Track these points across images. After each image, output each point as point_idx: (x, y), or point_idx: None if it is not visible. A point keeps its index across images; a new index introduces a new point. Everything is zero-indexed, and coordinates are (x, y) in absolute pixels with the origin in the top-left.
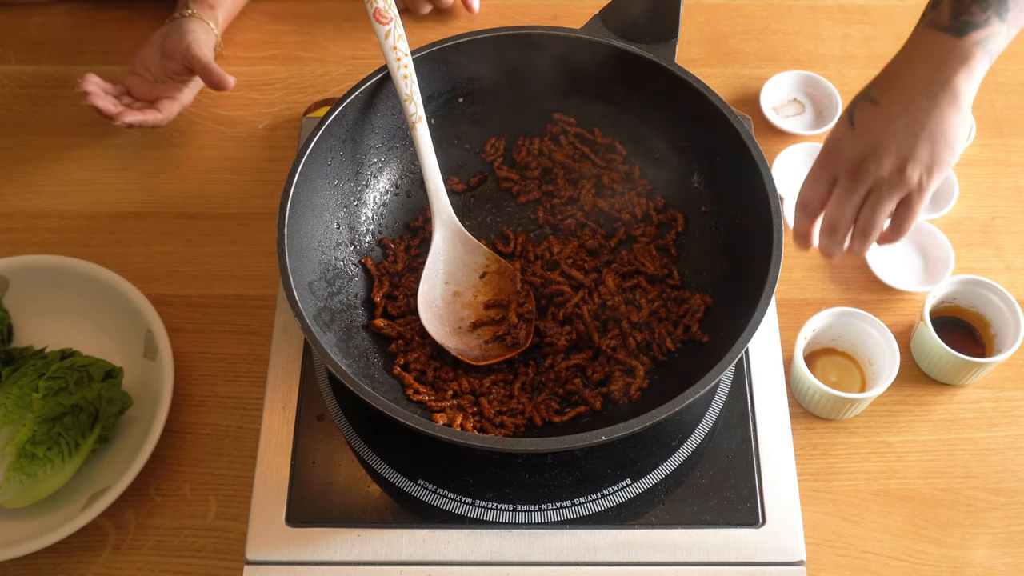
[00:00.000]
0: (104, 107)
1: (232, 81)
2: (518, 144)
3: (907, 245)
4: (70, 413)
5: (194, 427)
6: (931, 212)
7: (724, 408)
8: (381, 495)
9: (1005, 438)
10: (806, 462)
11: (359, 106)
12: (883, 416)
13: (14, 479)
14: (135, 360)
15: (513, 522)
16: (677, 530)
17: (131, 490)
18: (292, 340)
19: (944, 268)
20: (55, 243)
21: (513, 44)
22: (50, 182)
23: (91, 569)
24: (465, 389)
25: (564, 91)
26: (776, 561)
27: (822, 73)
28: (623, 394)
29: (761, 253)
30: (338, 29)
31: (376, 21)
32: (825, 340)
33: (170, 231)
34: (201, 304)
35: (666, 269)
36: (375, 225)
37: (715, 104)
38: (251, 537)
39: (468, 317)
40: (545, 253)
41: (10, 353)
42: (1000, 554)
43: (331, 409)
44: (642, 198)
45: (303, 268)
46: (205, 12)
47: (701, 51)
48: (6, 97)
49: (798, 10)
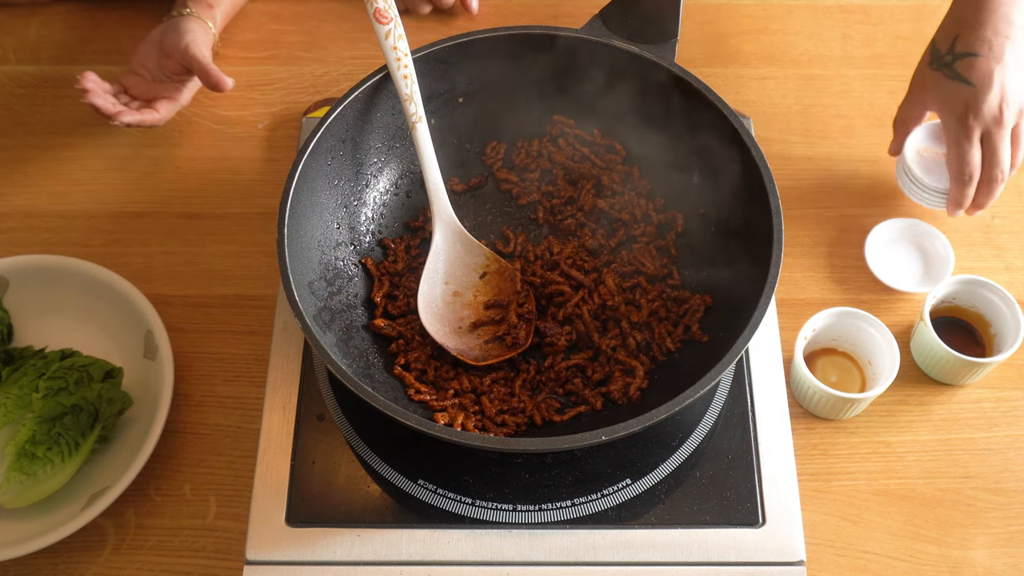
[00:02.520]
0: (102, 106)
1: (230, 83)
2: (517, 146)
3: (907, 245)
4: (70, 413)
5: (194, 427)
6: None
7: (724, 408)
8: (381, 495)
9: (1005, 438)
10: (806, 462)
11: (359, 106)
12: (883, 416)
13: (14, 479)
14: (135, 360)
15: (513, 522)
16: (677, 530)
17: (131, 490)
18: (292, 340)
19: (944, 268)
20: (55, 243)
21: (513, 44)
22: (50, 182)
23: (91, 569)
24: (466, 388)
25: (564, 91)
26: (776, 561)
27: (822, 73)
28: (623, 394)
29: (761, 253)
30: (338, 29)
31: (376, 21)
32: (825, 340)
33: (170, 231)
34: (201, 304)
35: (666, 269)
36: (375, 225)
37: (715, 104)
38: (251, 537)
39: (468, 317)
40: (545, 253)
41: (10, 353)
42: (1000, 554)
43: (331, 409)
44: (642, 198)
45: (303, 268)
46: (203, 11)
47: (701, 51)
48: (6, 97)
49: (798, 10)
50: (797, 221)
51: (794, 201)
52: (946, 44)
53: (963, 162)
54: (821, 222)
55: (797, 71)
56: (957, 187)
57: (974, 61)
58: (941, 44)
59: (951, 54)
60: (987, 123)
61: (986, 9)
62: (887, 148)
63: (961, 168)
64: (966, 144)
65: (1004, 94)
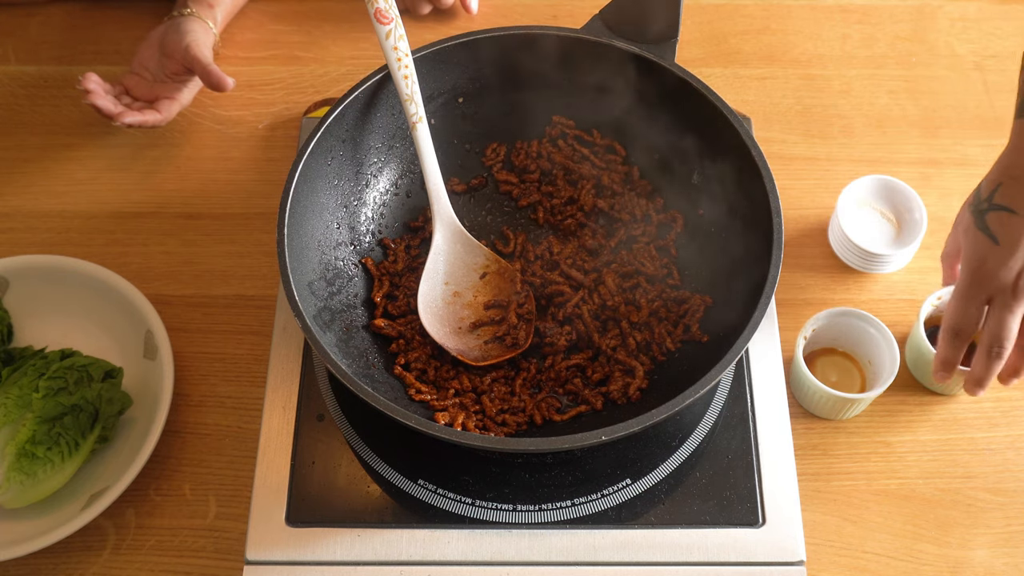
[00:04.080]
0: (104, 106)
1: (231, 83)
2: (516, 147)
3: (881, 205)
4: (70, 413)
5: (194, 427)
6: None
7: (724, 408)
8: (381, 495)
9: (1005, 438)
10: (806, 462)
11: (359, 106)
12: (883, 416)
13: (14, 479)
14: (135, 360)
15: (513, 522)
16: (677, 530)
17: (131, 490)
18: (292, 340)
19: (917, 229)
20: (55, 243)
21: (513, 44)
22: (50, 182)
23: (91, 569)
24: (466, 387)
25: (564, 91)
26: (776, 561)
27: (822, 73)
28: (622, 394)
29: (761, 253)
30: (338, 29)
31: (377, 21)
32: (825, 340)
33: (170, 231)
34: (201, 304)
35: (666, 269)
36: (375, 225)
37: (715, 104)
38: (251, 537)
39: (468, 317)
40: (545, 253)
41: (10, 353)
42: (1000, 554)
43: (331, 409)
44: (642, 198)
45: (303, 268)
46: (204, 11)
47: (701, 51)
48: (6, 97)
49: (798, 10)
50: (797, 221)
51: (794, 201)
52: (988, 190)
53: (955, 314)
54: (821, 222)
55: (797, 71)
56: (943, 341)
57: (1007, 217)
58: (984, 188)
59: (988, 202)
60: (1000, 288)
61: None
62: (887, 148)
63: (952, 320)
64: (966, 300)
65: None
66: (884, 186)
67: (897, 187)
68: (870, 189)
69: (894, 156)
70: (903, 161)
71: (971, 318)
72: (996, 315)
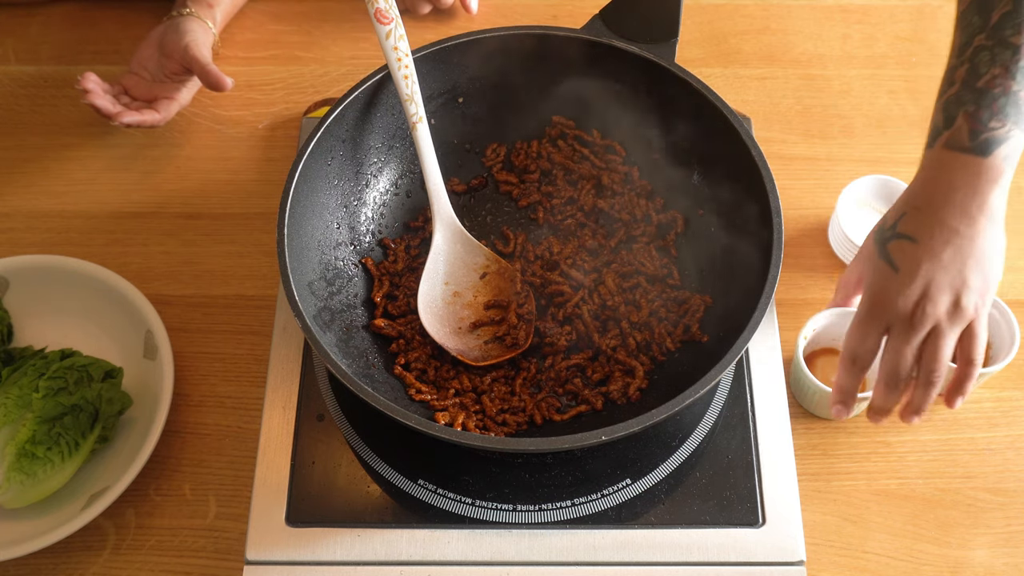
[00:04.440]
0: (103, 106)
1: (230, 83)
2: (516, 147)
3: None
4: (70, 413)
5: (194, 427)
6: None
7: (724, 408)
8: (381, 495)
9: (1005, 438)
10: (806, 462)
11: (359, 106)
12: None
13: (14, 479)
14: (135, 360)
15: (513, 522)
16: (677, 530)
17: (131, 490)
18: (292, 340)
19: None
20: (55, 243)
21: (513, 44)
22: (50, 182)
23: (91, 569)
24: (467, 387)
25: (564, 91)
26: (776, 561)
27: (822, 73)
28: (622, 394)
29: (761, 253)
30: (338, 29)
31: (377, 21)
32: (825, 340)
33: (170, 231)
34: (201, 304)
35: (666, 269)
36: (375, 225)
37: (715, 104)
38: (251, 537)
39: (468, 317)
40: (545, 253)
41: (10, 353)
42: (1000, 554)
43: (331, 409)
44: (642, 199)
45: (303, 268)
46: (203, 11)
47: (701, 51)
48: (6, 97)
49: (798, 10)
50: (797, 221)
51: (794, 201)
52: (893, 219)
53: (853, 342)
54: (821, 222)
55: (797, 71)
56: (841, 370)
57: (908, 246)
58: (890, 217)
59: (892, 231)
60: (898, 316)
61: (941, 192)
62: (887, 148)
63: (850, 349)
64: (865, 329)
65: (927, 293)
66: (884, 186)
67: (897, 187)
68: (870, 189)
69: (894, 156)
70: (903, 161)
71: (869, 347)
72: (893, 345)
